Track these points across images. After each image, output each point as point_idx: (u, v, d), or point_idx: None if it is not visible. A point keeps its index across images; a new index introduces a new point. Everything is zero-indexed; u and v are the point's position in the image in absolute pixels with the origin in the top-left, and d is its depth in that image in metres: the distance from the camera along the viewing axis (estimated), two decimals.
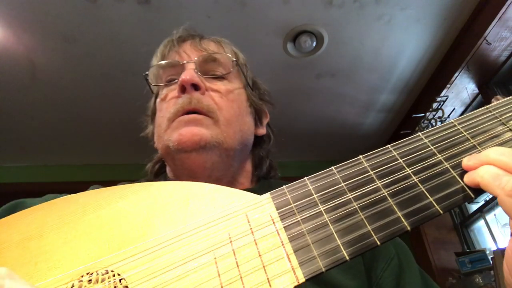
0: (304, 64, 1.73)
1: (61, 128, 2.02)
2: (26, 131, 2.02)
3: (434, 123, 1.85)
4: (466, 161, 0.29)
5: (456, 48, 1.63)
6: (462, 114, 1.96)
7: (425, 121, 1.89)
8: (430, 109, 1.83)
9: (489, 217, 1.84)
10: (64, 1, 1.33)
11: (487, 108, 0.34)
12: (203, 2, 1.39)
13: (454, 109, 1.91)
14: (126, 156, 2.26)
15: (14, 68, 1.60)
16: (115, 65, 1.63)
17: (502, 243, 1.69)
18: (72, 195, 0.37)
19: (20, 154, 2.21)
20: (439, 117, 1.83)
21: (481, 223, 1.94)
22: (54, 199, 0.51)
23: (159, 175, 0.62)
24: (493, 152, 0.28)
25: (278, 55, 1.65)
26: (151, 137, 0.62)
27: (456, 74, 1.69)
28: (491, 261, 1.61)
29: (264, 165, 0.62)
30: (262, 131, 0.63)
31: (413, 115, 1.99)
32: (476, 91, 1.82)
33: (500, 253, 1.47)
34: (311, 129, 2.22)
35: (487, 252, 1.74)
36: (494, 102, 0.34)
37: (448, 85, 1.75)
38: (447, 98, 1.80)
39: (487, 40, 1.49)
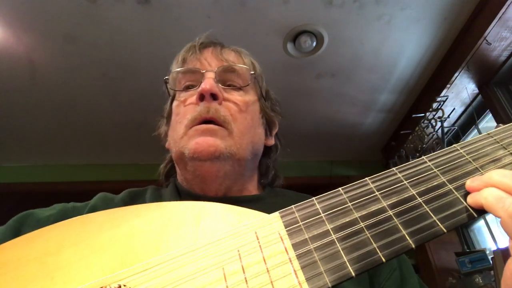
0: (304, 64, 1.73)
1: (61, 128, 2.02)
2: (26, 131, 2.02)
3: (434, 123, 1.85)
4: (470, 183, 0.30)
5: (456, 48, 1.63)
6: (462, 114, 1.97)
7: (425, 121, 1.89)
8: (430, 109, 1.84)
9: (489, 217, 1.84)
10: (64, 1, 1.33)
11: (489, 134, 0.35)
12: (203, 2, 1.39)
13: (454, 109, 1.91)
14: (126, 156, 2.26)
15: (14, 68, 1.60)
16: (115, 65, 1.63)
17: (502, 243, 1.70)
18: (90, 214, 0.38)
19: (20, 154, 2.21)
20: (439, 117, 1.83)
21: (481, 223, 1.94)
22: (62, 208, 0.52)
23: (170, 176, 0.64)
24: (496, 175, 0.29)
25: (278, 55, 1.65)
26: (163, 138, 0.64)
27: (456, 74, 1.69)
28: (491, 261, 1.61)
29: (269, 174, 0.65)
30: (271, 141, 0.65)
31: (413, 115, 2.00)
32: (476, 91, 1.82)
33: (500, 253, 1.47)
34: (311, 129, 2.22)
35: (487, 252, 1.74)
36: (496, 129, 0.36)
37: (448, 85, 1.75)
38: (447, 98, 1.80)
39: (487, 40, 1.49)
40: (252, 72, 0.61)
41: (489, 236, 1.82)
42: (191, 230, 0.33)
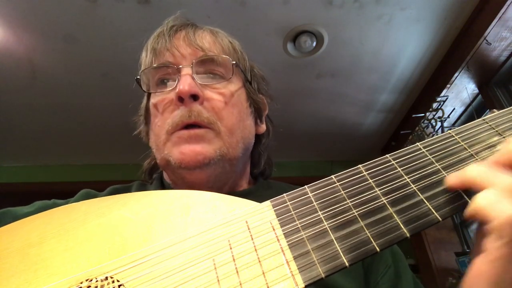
0: (304, 64, 1.73)
1: (61, 128, 2.02)
2: (26, 131, 2.02)
3: (434, 123, 1.85)
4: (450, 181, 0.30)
5: (456, 48, 1.63)
6: (462, 114, 1.97)
7: (425, 121, 1.89)
8: (430, 109, 1.84)
9: None
10: (64, 1, 1.33)
11: (484, 120, 0.35)
12: (203, 2, 1.39)
13: (454, 109, 1.91)
14: (126, 156, 2.26)
15: (14, 68, 1.60)
16: (115, 65, 1.63)
17: None
18: (73, 203, 0.36)
19: (20, 154, 2.21)
20: (439, 117, 1.83)
21: None
22: (43, 206, 0.50)
23: (154, 173, 0.61)
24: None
25: (278, 55, 1.64)
26: (144, 137, 0.60)
27: (456, 74, 1.69)
28: None
29: (262, 161, 0.61)
30: (263, 128, 0.61)
31: (413, 115, 1.99)
32: (476, 91, 1.82)
33: None
34: (311, 129, 2.22)
35: None
36: (490, 114, 0.35)
37: (448, 85, 1.75)
38: (447, 98, 1.80)
39: (487, 40, 1.49)
40: (234, 62, 0.53)
41: None
42: (180, 219, 0.32)
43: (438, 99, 1.79)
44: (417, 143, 0.33)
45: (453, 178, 0.29)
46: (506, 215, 0.25)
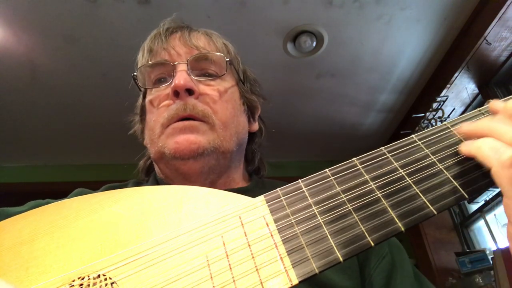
0: (304, 64, 1.73)
1: (61, 128, 2.02)
2: (26, 131, 2.02)
3: (434, 123, 1.85)
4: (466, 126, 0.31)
5: (456, 48, 1.63)
6: (462, 114, 1.97)
7: (425, 121, 1.89)
8: (430, 109, 1.84)
9: (489, 217, 1.84)
10: (64, 1, 1.33)
11: (480, 110, 0.34)
12: (203, 2, 1.39)
13: (454, 109, 1.91)
14: (126, 156, 2.26)
15: (14, 68, 1.60)
16: (115, 65, 1.62)
17: (502, 243, 1.69)
18: (65, 200, 0.36)
19: (20, 154, 2.21)
20: (439, 117, 1.83)
21: (481, 223, 1.94)
22: (36, 205, 0.48)
23: (150, 173, 0.62)
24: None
25: (278, 55, 1.64)
26: (139, 136, 0.62)
27: (456, 74, 1.69)
28: (491, 261, 1.61)
29: (256, 159, 0.63)
30: (255, 126, 0.62)
31: (413, 115, 2.00)
32: (476, 91, 1.82)
33: (500, 253, 1.47)
34: (311, 129, 2.22)
35: (487, 252, 1.74)
36: (487, 105, 0.34)
37: (448, 85, 1.75)
38: (447, 98, 1.80)
39: (487, 40, 1.49)
40: (228, 59, 0.55)
41: (489, 236, 1.82)
42: (174, 215, 0.31)
43: (438, 99, 1.79)
44: (412, 135, 0.33)
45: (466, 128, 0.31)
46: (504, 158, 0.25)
